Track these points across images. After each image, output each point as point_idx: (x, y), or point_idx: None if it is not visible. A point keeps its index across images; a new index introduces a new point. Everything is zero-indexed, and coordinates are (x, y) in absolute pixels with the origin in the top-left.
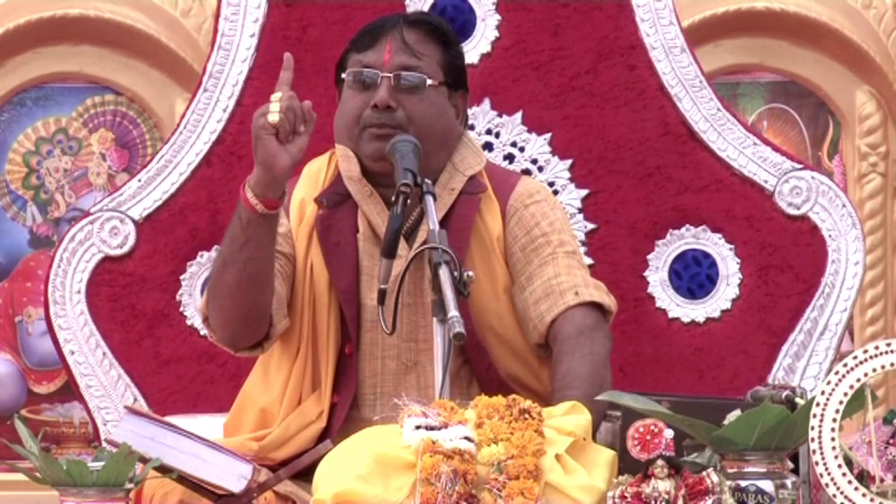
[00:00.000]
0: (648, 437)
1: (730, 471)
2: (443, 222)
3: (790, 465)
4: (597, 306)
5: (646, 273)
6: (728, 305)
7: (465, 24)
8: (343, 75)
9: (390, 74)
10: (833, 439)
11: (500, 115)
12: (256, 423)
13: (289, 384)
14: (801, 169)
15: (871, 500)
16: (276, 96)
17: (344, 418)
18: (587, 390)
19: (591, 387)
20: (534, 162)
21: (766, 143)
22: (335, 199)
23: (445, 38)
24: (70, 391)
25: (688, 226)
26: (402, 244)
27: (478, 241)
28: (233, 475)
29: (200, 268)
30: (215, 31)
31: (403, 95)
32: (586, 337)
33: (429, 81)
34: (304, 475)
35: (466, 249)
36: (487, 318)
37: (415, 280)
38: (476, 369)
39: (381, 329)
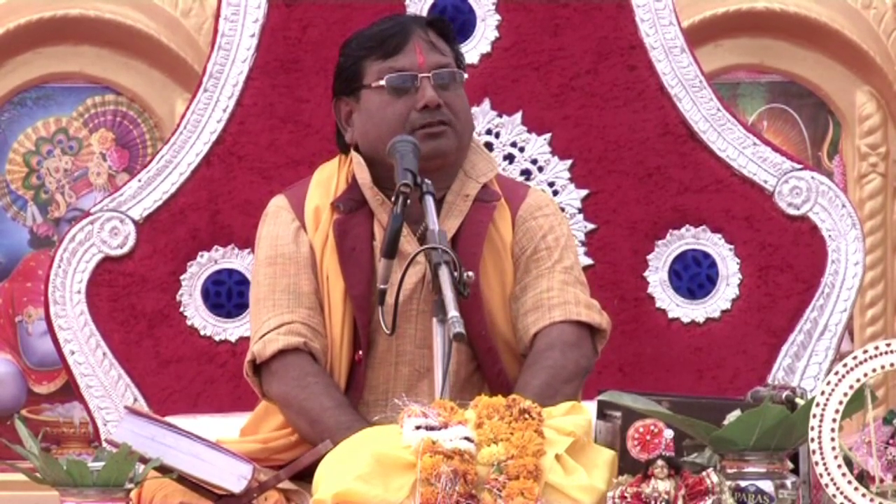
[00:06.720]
0: (648, 437)
1: (730, 471)
2: (458, 229)
3: (790, 465)
4: (584, 326)
5: (646, 273)
6: (728, 305)
7: (465, 24)
8: (373, 83)
9: (429, 74)
10: (833, 439)
11: (500, 116)
12: (275, 429)
13: None
14: (800, 169)
15: (871, 500)
16: None
17: None
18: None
19: (536, 398)
20: (534, 162)
21: (766, 143)
22: (351, 205)
23: (453, 36)
24: (70, 391)
25: (688, 226)
26: (416, 245)
27: (491, 248)
28: (233, 475)
29: (200, 268)
30: (215, 31)
31: (442, 93)
32: (556, 352)
33: (465, 76)
34: (305, 475)
35: (480, 256)
36: (497, 324)
37: (430, 286)
38: (487, 375)
39: (395, 335)
